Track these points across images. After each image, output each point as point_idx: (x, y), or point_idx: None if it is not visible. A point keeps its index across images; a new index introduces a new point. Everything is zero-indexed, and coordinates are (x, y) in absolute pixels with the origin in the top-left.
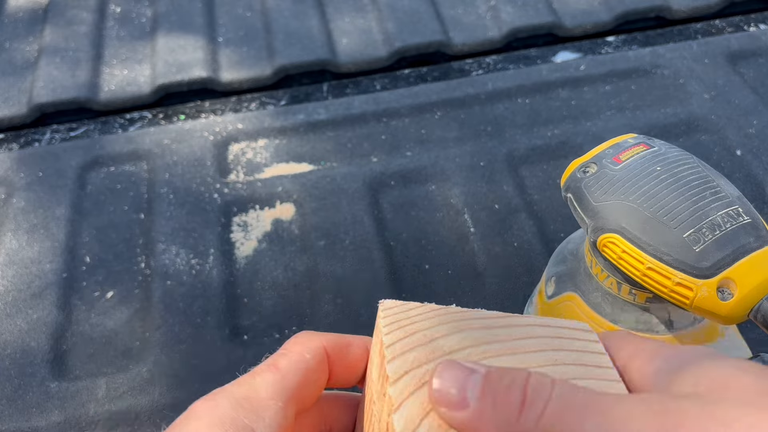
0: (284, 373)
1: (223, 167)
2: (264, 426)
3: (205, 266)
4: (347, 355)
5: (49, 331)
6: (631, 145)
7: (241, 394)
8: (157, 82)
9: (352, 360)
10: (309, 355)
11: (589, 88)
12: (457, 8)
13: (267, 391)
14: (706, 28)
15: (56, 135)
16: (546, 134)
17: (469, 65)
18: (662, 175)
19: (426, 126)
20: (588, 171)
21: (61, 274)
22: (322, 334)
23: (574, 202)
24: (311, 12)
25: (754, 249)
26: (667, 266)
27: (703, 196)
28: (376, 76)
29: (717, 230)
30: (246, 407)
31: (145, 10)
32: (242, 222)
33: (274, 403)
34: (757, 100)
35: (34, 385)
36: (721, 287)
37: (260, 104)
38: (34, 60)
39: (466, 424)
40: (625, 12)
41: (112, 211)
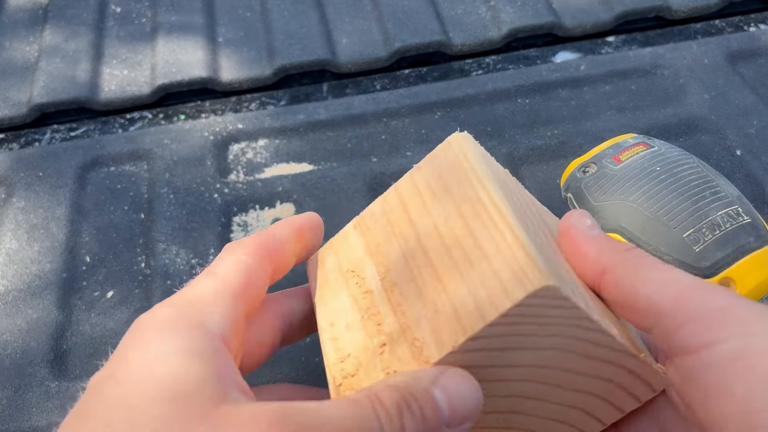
0: (223, 277)
1: (223, 167)
2: (215, 321)
3: (205, 266)
4: (277, 244)
5: (49, 331)
6: (631, 145)
7: (183, 300)
8: (157, 82)
9: (282, 246)
10: (245, 256)
11: (589, 88)
12: (456, 8)
13: (210, 295)
14: (706, 28)
15: (56, 135)
16: (546, 134)
17: (468, 65)
18: (662, 175)
19: (426, 126)
20: (588, 171)
21: (61, 274)
22: (247, 239)
23: (574, 202)
24: (311, 12)
25: (754, 249)
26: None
27: (703, 196)
28: (376, 76)
29: (717, 230)
30: (192, 309)
31: (146, 10)
32: (242, 222)
33: (221, 301)
34: (757, 100)
35: (34, 385)
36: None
37: (260, 104)
38: (34, 60)
39: None
40: (625, 12)
41: (112, 211)
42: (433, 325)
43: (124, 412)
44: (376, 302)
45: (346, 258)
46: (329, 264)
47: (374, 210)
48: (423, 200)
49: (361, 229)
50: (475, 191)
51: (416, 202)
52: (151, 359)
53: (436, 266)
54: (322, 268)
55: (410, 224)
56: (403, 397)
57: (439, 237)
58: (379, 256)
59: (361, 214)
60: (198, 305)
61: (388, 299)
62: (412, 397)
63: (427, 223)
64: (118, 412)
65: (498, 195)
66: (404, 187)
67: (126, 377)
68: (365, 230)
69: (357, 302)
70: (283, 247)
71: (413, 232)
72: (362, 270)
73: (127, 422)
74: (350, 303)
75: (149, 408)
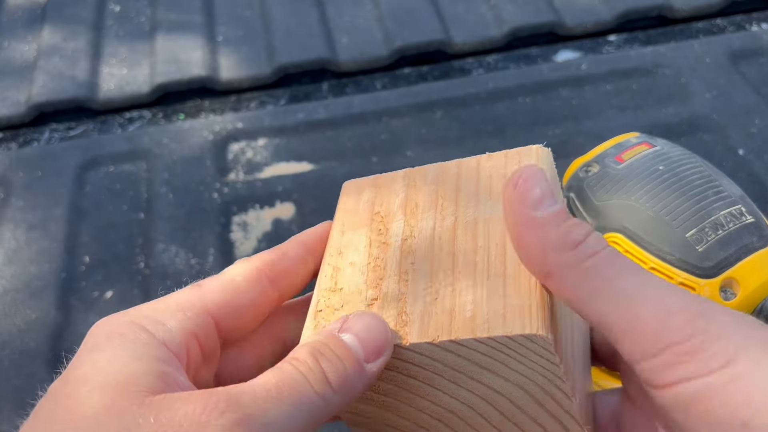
0: (205, 290)
1: (222, 167)
2: (164, 330)
3: (204, 266)
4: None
5: (48, 331)
6: (634, 145)
7: (145, 308)
8: (156, 82)
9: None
10: (239, 277)
11: (591, 88)
12: (457, 7)
13: (178, 304)
14: (708, 27)
15: (55, 134)
16: (547, 134)
17: (469, 64)
18: (665, 174)
19: (426, 125)
20: (590, 170)
21: (60, 274)
22: (258, 255)
23: (577, 202)
24: (311, 11)
25: (757, 249)
26: (670, 266)
27: (706, 196)
28: (377, 75)
29: (720, 230)
30: (144, 317)
31: (145, 9)
32: (242, 222)
33: (181, 312)
34: (759, 100)
35: (33, 386)
36: (725, 287)
37: (260, 103)
38: (32, 59)
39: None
40: (627, 11)
41: (111, 211)
42: (426, 309)
43: (66, 403)
44: (387, 258)
45: (382, 200)
46: (365, 196)
47: (428, 172)
48: (477, 190)
49: (408, 182)
50: None
51: (470, 187)
52: (98, 360)
53: (457, 259)
54: (357, 197)
55: (454, 205)
56: (314, 348)
57: (474, 233)
58: (412, 218)
59: (415, 168)
60: (152, 314)
61: (399, 262)
62: (323, 346)
63: (470, 213)
64: (61, 405)
65: None
66: (466, 167)
67: (74, 376)
68: (411, 185)
69: (371, 247)
70: (294, 268)
71: (453, 215)
72: (390, 221)
73: (68, 412)
74: (365, 244)
75: (89, 398)
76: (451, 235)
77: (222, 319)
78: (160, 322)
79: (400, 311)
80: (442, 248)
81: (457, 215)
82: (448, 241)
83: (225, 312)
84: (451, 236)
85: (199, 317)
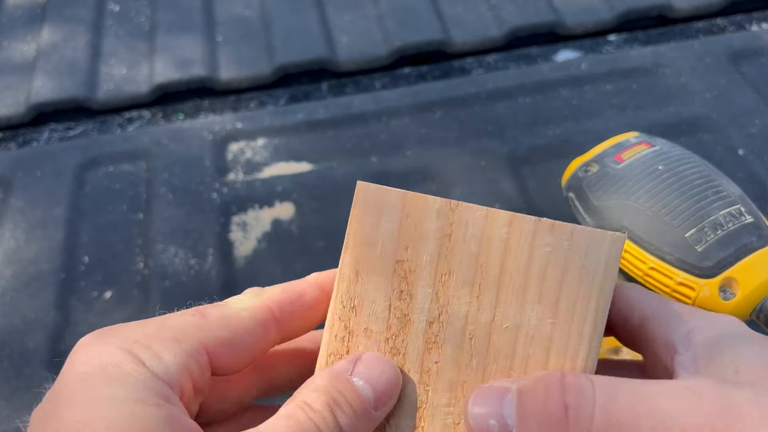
0: (207, 323)
1: (222, 167)
2: (160, 364)
3: (204, 266)
4: (299, 308)
5: (47, 331)
6: (633, 144)
7: (138, 332)
8: (155, 81)
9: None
10: (247, 314)
11: (591, 87)
12: (457, 6)
13: (174, 334)
14: (708, 27)
15: (54, 134)
16: (547, 133)
17: (469, 64)
18: (664, 174)
19: (426, 125)
20: (589, 170)
21: (59, 274)
22: (271, 289)
23: (576, 202)
24: (311, 10)
25: (757, 248)
26: (669, 266)
27: (705, 195)
28: (376, 75)
29: (719, 230)
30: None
31: (144, 9)
32: (241, 222)
33: (177, 344)
34: (759, 100)
35: (32, 386)
36: (724, 287)
37: (259, 103)
38: (32, 59)
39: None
40: (627, 11)
41: (111, 211)
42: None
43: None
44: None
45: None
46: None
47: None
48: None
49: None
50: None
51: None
52: (98, 402)
53: (488, 374)
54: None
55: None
56: (330, 397)
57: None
58: (442, 290)
59: (453, 204)
60: (147, 342)
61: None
62: (338, 395)
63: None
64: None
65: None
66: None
67: (73, 419)
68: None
69: (391, 317)
70: (305, 314)
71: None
72: (416, 282)
73: None
74: (383, 308)
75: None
76: (485, 339)
77: (218, 356)
78: (156, 355)
79: (416, 425)
80: (473, 356)
81: (495, 312)
82: (481, 349)
83: (223, 350)
84: (485, 341)
85: (195, 352)
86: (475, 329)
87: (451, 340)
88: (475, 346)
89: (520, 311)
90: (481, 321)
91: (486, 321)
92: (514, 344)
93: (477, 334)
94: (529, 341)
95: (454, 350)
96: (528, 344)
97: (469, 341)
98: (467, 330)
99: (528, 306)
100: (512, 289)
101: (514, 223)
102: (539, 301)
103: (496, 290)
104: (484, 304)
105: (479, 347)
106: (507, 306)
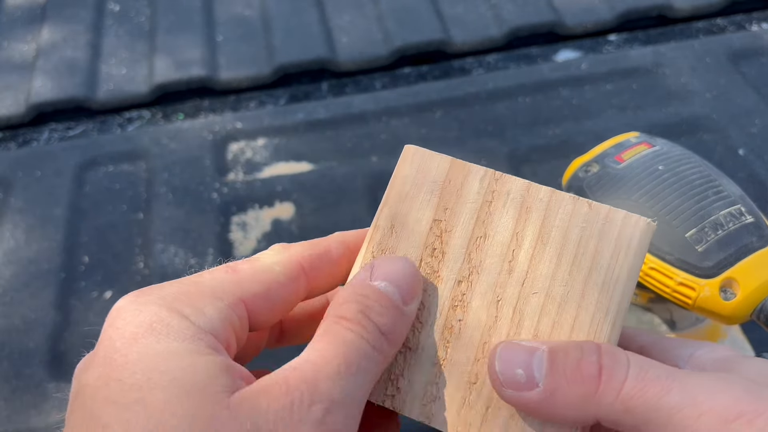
0: (242, 278)
1: (221, 166)
2: (205, 319)
3: (204, 266)
4: (326, 263)
5: (47, 331)
6: (633, 144)
7: (178, 291)
8: (155, 81)
9: (333, 264)
10: (279, 268)
11: (591, 87)
12: (457, 6)
13: (213, 290)
14: (708, 26)
15: (54, 134)
16: (547, 133)
17: (469, 64)
18: (664, 174)
19: (426, 125)
20: (590, 170)
21: (59, 275)
22: (298, 246)
23: None
24: (311, 10)
25: (757, 249)
26: (670, 266)
27: (706, 196)
28: (376, 75)
29: (719, 230)
30: (182, 301)
31: (144, 9)
32: (241, 222)
33: (219, 300)
34: (759, 100)
35: (32, 387)
36: (724, 287)
37: (259, 103)
38: (31, 59)
39: (539, 404)
40: (627, 10)
41: (111, 211)
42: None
43: (144, 413)
44: (434, 297)
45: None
46: (429, 185)
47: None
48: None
49: (483, 191)
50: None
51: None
52: (155, 358)
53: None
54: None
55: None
56: (360, 304)
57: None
58: (475, 252)
59: (497, 174)
60: (188, 300)
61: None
62: (366, 299)
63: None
64: (134, 414)
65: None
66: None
67: (136, 380)
68: (486, 201)
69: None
70: (332, 270)
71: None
72: (449, 241)
73: (149, 423)
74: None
75: (171, 407)
76: (512, 304)
77: (254, 310)
78: (199, 310)
79: (431, 380)
80: (498, 318)
81: (525, 279)
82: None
83: (259, 304)
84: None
85: (236, 307)
86: (503, 292)
87: (478, 300)
88: (500, 310)
89: (551, 282)
90: (510, 286)
91: (515, 286)
92: (540, 312)
93: (504, 298)
94: (555, 311)
95: (479, 311)
96: (554, 313)
97: (496, 303)
98: (495, 292)
99: (558, 278)
100: (544, 260)
101: (552, 199)
102: (570, 273)
103: (529, 259)
104: (515, 270)
105: (505, 311)
106: (537, 275)
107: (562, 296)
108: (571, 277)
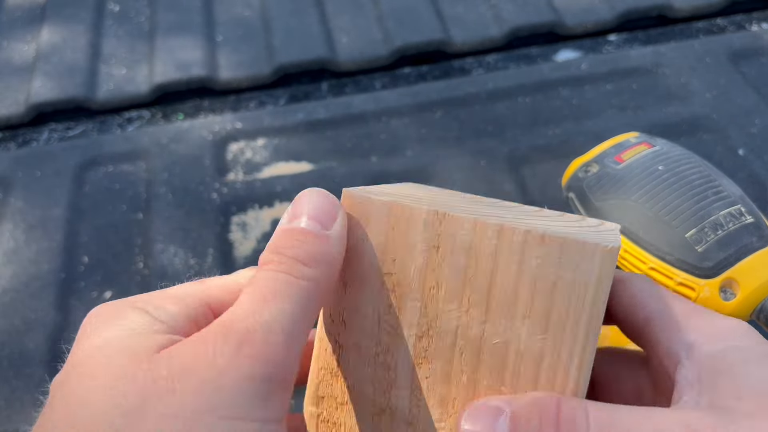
0: (208, 285)
1: (221, 167)
2: (166, 313)
3: (203, 266)
4: None
5: (46, 332)
6: (633, 144)
7: (144, 296)
8: (155, 81)
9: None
10: (245, 281)
11: (591, 87)
12: (457, 6)
13: (177, 294)
14: (708, 26)
15: (54, 134)
16: (547, 133)
17: (469, 64)
18: (664, 174)
19: (426, 125)
20: (590, 170)
21: (59, 275)
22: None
23: (576, 202)
24: (311, 10)
25: (757, 249)
26: (670, 266)
27: (706, 196)
28: (376, 75)
29: (719, 230)
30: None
31: (144, 9)
32: (241, 222)
33: (182, 301)
34: (759, 100)
35: (32, 387)
36: (724, 287)
37: (259, 103)
38: (31, 59)
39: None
40: (627, 11)
41: (111, 211)
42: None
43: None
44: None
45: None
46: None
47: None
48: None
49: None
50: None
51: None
52: (101, 339)
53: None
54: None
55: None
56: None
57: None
58: (431, 304)
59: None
60: (151, 300)
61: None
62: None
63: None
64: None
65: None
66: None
67: (78, 359)
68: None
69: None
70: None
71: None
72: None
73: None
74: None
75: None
76: (475, 354)
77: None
78: (161, 308)
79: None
80: (463, 371)
81: (485, 327)
82: (471, 365)
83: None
84: (475, 356)
85: (200, 307)
86: (465, 344)
87: (441, 355)
88: (465, 361)
89: (510, 326)
90: (470, 336)
91: (476, 336)
92: (505, 360)
93: (467, 349)
94: (519, 357)
95: (444, 365)
96: (518, 360)
97: (460, 356)
98: (457, 345)
99: (518, 321)
100: (501, 304)
101: (503, 235)
102: (529, 316)
103: (486, 304)
104: (474, 318)
105: (469, 362)
106: (497, 321)
107: (524, 342)
108: (531, 321)
